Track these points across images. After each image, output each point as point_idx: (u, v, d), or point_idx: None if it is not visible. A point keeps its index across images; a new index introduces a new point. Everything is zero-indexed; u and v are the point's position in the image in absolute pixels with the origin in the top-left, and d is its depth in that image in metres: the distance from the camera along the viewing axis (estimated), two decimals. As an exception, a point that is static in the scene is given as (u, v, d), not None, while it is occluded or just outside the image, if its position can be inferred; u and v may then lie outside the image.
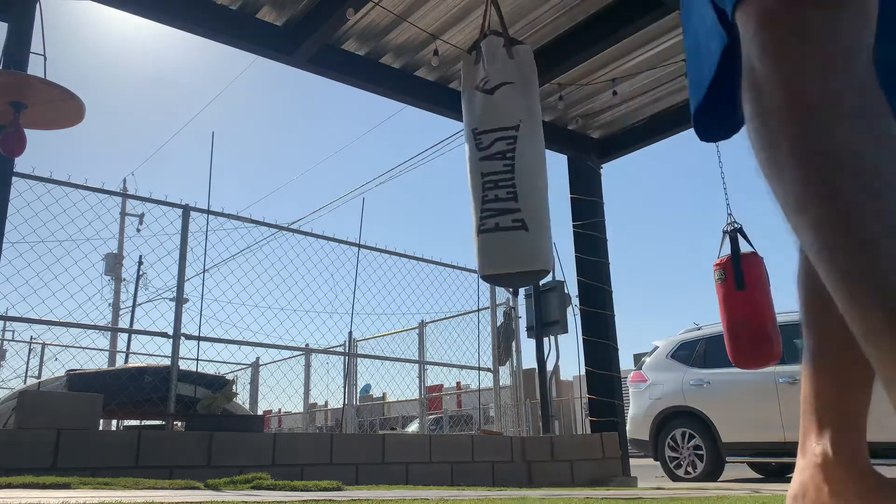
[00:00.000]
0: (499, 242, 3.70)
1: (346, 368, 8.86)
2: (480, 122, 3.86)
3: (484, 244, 3.72)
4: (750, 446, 6.93)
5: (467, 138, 3.92)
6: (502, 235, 3.69)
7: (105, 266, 20.79)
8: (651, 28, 5.21)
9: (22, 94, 3.60)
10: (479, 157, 3.81)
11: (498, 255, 3.72)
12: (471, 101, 3.93)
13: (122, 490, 2.62)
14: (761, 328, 4.29)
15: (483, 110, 3.88)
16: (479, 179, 3.77)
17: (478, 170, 3.79)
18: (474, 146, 3.83)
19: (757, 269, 4.38)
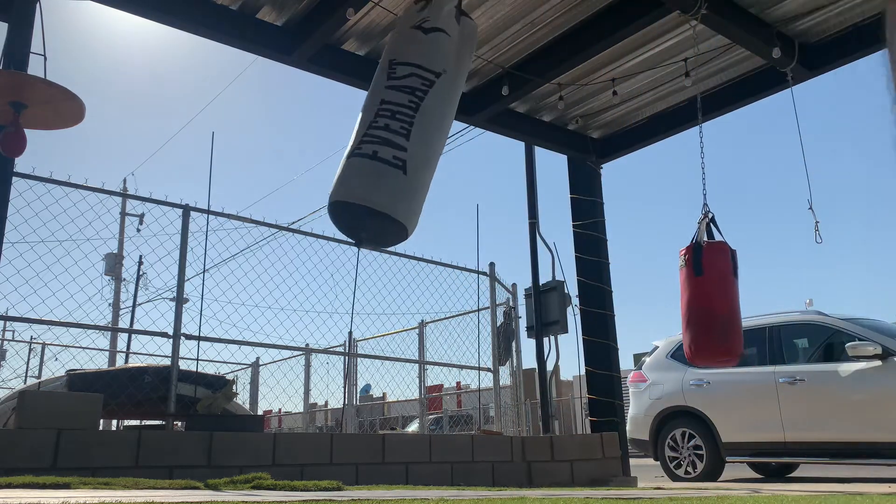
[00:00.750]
0: (368, 171, 3.26)
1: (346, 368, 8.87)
2: (402, 54, 3.62)
3: (350, 168, 3.30)
4: (750, 446, 6.93)
5: (380, 68, 3.68)
6: (376, 166, 3.26)
7: (105, 266, 20.82)
8: (651, 28, 5.21)
9: (22, 94, 3.60)
10: (385, 85, 3.52)
11: (361, 183, 3.26)
12: (399, 36, 3.75)
13: (122, 490, 2.63)
14: (717, 319, 4.05)
15: (410, 45, 3.64)
16: (376, 105, 3.45)
17: (378, 96, 3.49)
18: (385, 75, 3.56)
19: (720, 257, 4.22)
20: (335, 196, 3.34)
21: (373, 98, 3.56)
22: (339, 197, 3.31)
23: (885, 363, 6.17)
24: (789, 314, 7.27)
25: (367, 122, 3.42)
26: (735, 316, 4.13)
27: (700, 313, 4.14)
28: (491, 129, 6.49)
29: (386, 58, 3.73)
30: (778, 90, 5.75)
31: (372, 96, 3.58)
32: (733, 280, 4.17)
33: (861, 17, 5.19)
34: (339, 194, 3.31)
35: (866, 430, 6.14)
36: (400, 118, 3.40)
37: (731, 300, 4.13)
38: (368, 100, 3.62)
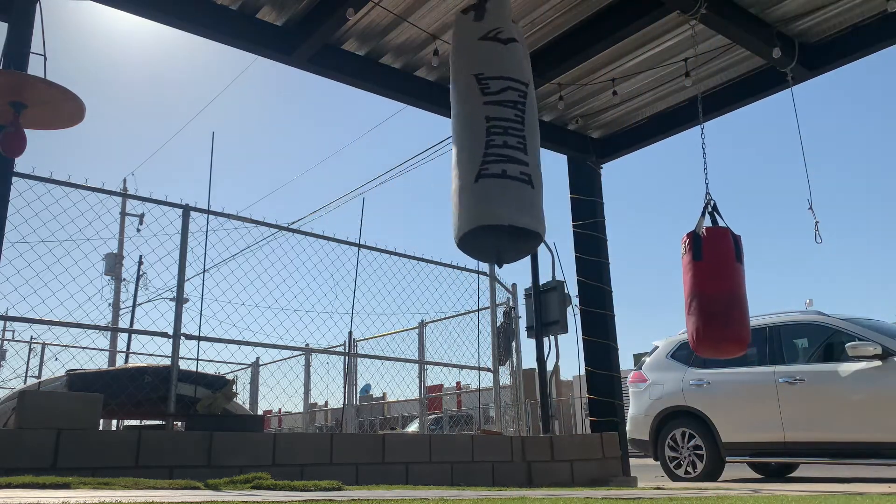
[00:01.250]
0: (505, 190, 3.24)
1: (346, 368, 8.87)
2: (489, 67, 3.54)
3: (485, 190, 3.24)
4: (750, 446, 6.93)
5: (465, 84, 3.55)
6: (509, 184, 3.26)
7: (105, 266, 20.82)
8: (651, 28, 5.21)
9: (22, 93, 3.60)
10: (483, 101, 3.45)
11: (501, 203, 3.24)
12: (474, 49, 3.63)
13: (122, 490, 2.63)
14: (717, 303, 3.87)
15: (494, 57, 3.57)
16: (483, 123, 3.38)
17: (481, 113, 3.41)
18: (478, 89, 3.46)
19: (721, 241, 4.01)
20: (478, 221, 3.25)
21: (473, 116, 3.45)
22: (483, 221, 3.24)
23: (885, 363, 6.17)
24: (789, 314, 7.27)
25: (481, 142, 3.33)
26: (737, 301, 3.94)
27: (700, 299, 3.98)
28: (491, 129, 6.47)
29: (467, 72, 3.60)
30: (778, 90, 5.75)
31: (470, 114, 3.47)
32: (736, 265, 4.00)
33: (861, 17, 5.19)
34: (483, 218, 3.23)
35: (866, 430, 6.14)
36: (513, 133, 3.38)
37: (733, 284, 3.95)
38: (465, 118, 3.50)
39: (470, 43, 3.70)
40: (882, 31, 5.14)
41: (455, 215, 3.36)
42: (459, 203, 3.31)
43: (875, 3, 5.02)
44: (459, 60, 3.73)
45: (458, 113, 3.56)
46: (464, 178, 3.31)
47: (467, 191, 3.28)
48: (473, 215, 3.26)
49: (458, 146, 3.49)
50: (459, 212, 3.30)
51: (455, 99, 3.65)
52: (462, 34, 3.81)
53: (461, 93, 3.60)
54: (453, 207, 3.40)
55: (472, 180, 3.29)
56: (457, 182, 3.39)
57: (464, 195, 3.29)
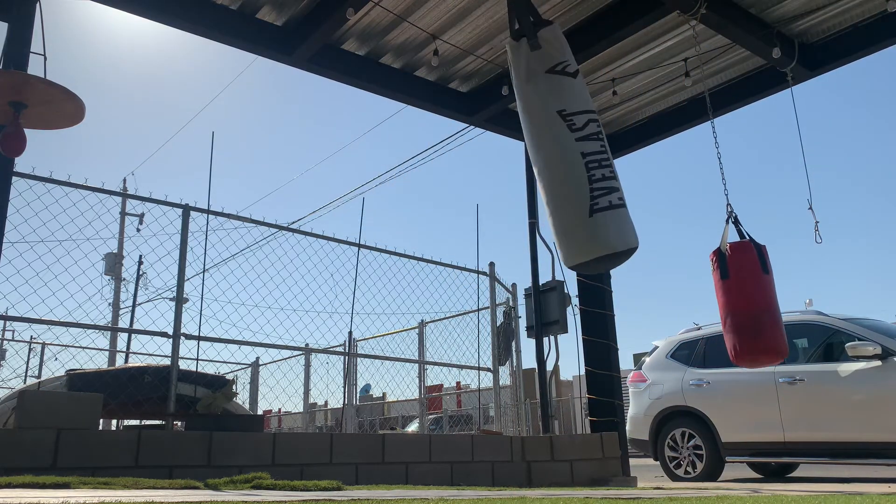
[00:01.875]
0: (617, 220, 3.64)
1: (345, 368, 8.87)
2: (569, 103, 3.79)
3: (604, 222, 3.62)
4: (749, 446, 6.93)
5: (549, 121, 3.79)
6: (617, 213, 3.65)
7: (105, 266, 20.83)
8: (651, 28, 5.22)
9: (22, 93, 3.60)
10: (574, 138, 3.74)
11: (617, 232, 3.64)
12: (546, 83, 3.84)
13: (122, 490, 2.63)
14: (747, 318, 4.00)
15: (570, 92, 3.83)
16: (580, 159, 3.69)
17: (576, 150, 3.71)
18: (565, 127, 3.74)
19: (746, 256, 4.16)
20: (601, 250, 3.61)
21: (570, 154, 3.72)
22: (606, 251, 3.61)
23: (885, 363, 6.18)
24: (789, 314, 7.27)
25: (584, 178, 3.66)
26: (767, 313, 4.05)
27: (733, 317, 4.11)
28: (491, 129, 6.49)
29: (550, 109, 3.81)
30: (778, 90, 5.75)
31: (568, 153, 3.73)
32: (763, 277, 4.10)
33: (861, 17, 5.20)
34: (603, 248, 3.61)
35: (866, 429, 6.14)
36: (605, 165, 3.72)
37: (761, 298, 4.07)
38: (565, 156, 3.74)
39: (539, 76, 3.87)
40: (882, 30, 5.14)
41: (571, 245, 3.72)
42: (575, 235, 3.67)
43: (875, 3, 5.02)
44: (533, 94, 3.89)
45: (550, 151, 3.79)
46: (574, 212, 3.66)
47: (583, 225, 3.64)
48: (596, 246, 3.63)
49: (557, 181, 3.76)
50: (577, 242, 3.67)
51: (540, 135, 3.85)
52: (524, 64, 3.93)
53: (547, 130, 3.82)
54: (564, 238, 3.75)
55: (587, 215, 3.64)
56: (564, 216, 3.72)
57: (580, 229, 3.65)
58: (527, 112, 3.92)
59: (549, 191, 3.80)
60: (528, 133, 3.93)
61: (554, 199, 3.77)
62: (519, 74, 3.92)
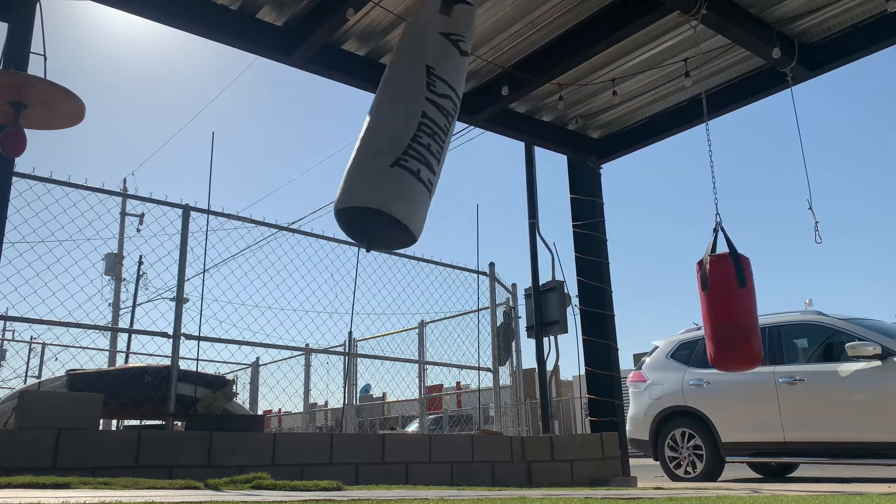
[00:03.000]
0: (412, 189, 3.38)
1: (345, 368, 8.87)
2: (441, 68, 3.65)
3: (396, 179, 3.35)
4: (749, 446, 6.93)
5: (413, 68, 3.62)
6: (417, 186, 3.40)
7: (105, 266, 20.83)
8: (651, 28, 5.21)
9: (22, 93, 3.60)
10: (426, 96, 3.55)
11: (403, 198, 3.36)
12: (434, 41, 3.72)
13: (122, 490, 2.63)
14: (721, 330, 4.18)
15: (450, 61, 3.71)
16: (418, 116, 3.48)
17: (420, 106, 3.51)
18: (425, 82, 3.56)
19: (723, 270, 4.29)
20: (379, 205, 3.30)
21: (411, 103, 3.51)
22: (383, 207, 3.31)
23: (885, 363, 6.17)
24: (789, 314, 7.27)
25: (409, 132, 3.42)
26: (741, 327, 4.17)
27: (710, 327, 4.25)
28: (491, 130, 6.49)
29: (421, 59, 3.65)
30: (778, 90, 5.75)
31: (409, 100, 3.51)
32: (737, 292, 4.22)
33: (861, 17, 5.20)
34: (385, 205, 3.31)
35: (866, 430, 6.14)
36: (438, 140, 3.51)
37: (737, 312, 4.18)
38: (402, 101, 3.53)
39: (431, 32, 3.76)
40: (882, 30, 5.14)
41: (352, 183, 3.41)
42: (363, 177, 3.38)
43: (875, 3, 5.02)
44: (414, 42, 3.76)
45: (395, 92, 3.59)
46: (378, 156, 3.38)
47: (378, 172, 3.36)
48: (376, 197, 3.33)
49: (382, 122, 3.52)
50: (360, 185, 3.36)
51: (396, 76, 3.66)
52: (426, 14, 3.85)
53: (406, 75, 3.64)
54: (352, 174, 3.44)
55: (388, 163, 3.37)
56: (368, 155, 3.44)
57: (370, 172, 3.36)
58: (401, 49, 3.81)
59: (371, 124, 3.59)
60: (389, 68, 3.78)
61: (369, 133, 3.55)
62: (417, 19, 3.83)
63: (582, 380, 7.01)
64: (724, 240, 4.37)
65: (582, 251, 6.75)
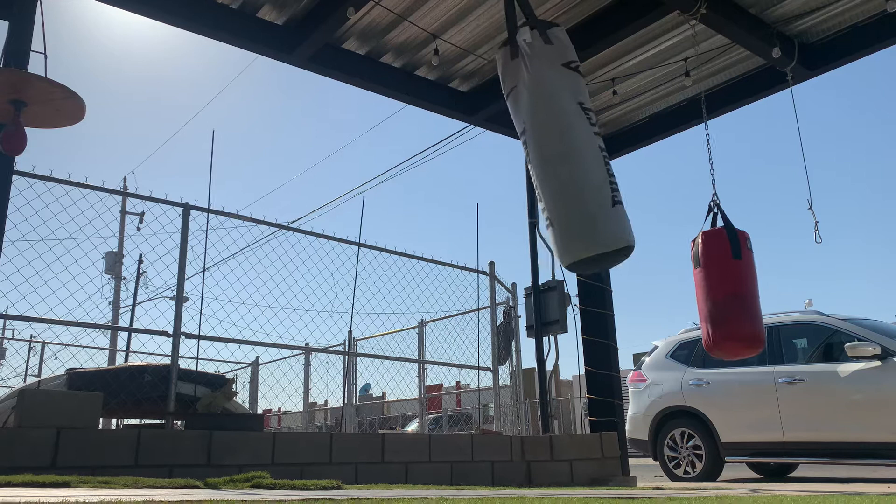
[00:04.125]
0: (626, 215, 3.68)
1: (345, 367, 8.87)
2: (585, 98, 3.82)
3: (622, 215, 3.63)
4: (749, 446, 6.93)
5: (572, 111, 3.77)
6: (622, 208, 3.68)
7: (105, 264, 20.84)
8: (651, 28, 5.21)
9: (22, 92, 3.60)
10: (593, 131, 3.74)
11: (629, 226, 3.65)
12: (565, 76, 3.83)
13: (122, 489, 2.63)
14: (714, 305, 3.96)
15: (584, 89, 3.87)
16: (599, 152, 3.70)
17: (595, 142, 3.72)
18: (586, 119, 3.76)
19: (717, 243, 4.08)
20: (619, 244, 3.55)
21: (590, 143, 3.70)
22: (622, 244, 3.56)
23: (885, 363, 6.18)
24: (789, 314, 7.27)
25: (602, 170, 3.66)
26: (734, 298, 3.97)
27: (702, 304, 4.08)
28: (491, 129, 6.49)
29: (571, 97, 3.78)
30: (778, 90, 5.75)
31: (587, 143, 3.70)
32: (734, 263, 4.05)
33: (860, 17, 5.20)
34: (621, 242, 3.56)
35: (865, 430, 6.14)
36: (608, 159, 3.76)
37: (728, 283, 4.01)
38: (585, 146, 3.70)
39: (557, 67, 3.84)
40: (881, 30, 5.14)
41: (586, 236, 3.62)
42: (593, 225, 3.58)
43: (874, 3, 5.02)
44: (555, 82, 3.82)
45: (574, 140, 3.72)
46: (596, 202, 3.61)
47: (604, 216, 3.59)
48: (615, 238, 3.58)
49: (580, 170, 3.68)
50: (594, 233, 3.58)
51: (562, 123, 3.76)
52: (541, 55, 3.88)
53: (572, 119, 3.76)
54: (581, 228, 3.63)
55: (610, 205, 3.61)
56: (583, 206, 3.62)
57: (599, 220, 3.58)
58: (546, 98, 3.84)
59: (569, 179, 3.69)
60: (545, 120, 3.81)
61: (573, 188, 3.67)
62: (534, 62, 3.85)
63: (581, 379, 7.01)
64: (722, 218, 4.29)
65: (582, 251, 6.74)
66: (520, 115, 3.87)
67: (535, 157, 3.79)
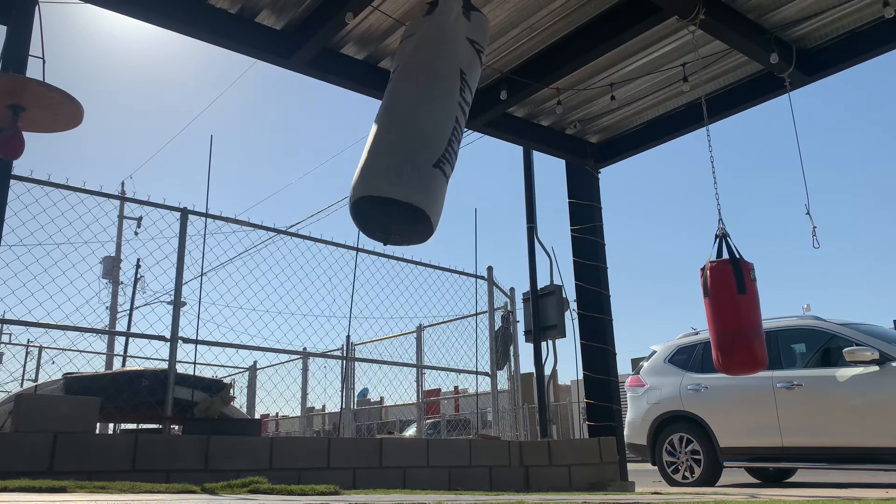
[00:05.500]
0: (441, 188, 3.57)
1: (343, 372, 8.86)
2: (471, 73, 3.79)
3: (434, 178, 3.51)
4: (747, 451, 6.93)
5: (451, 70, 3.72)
6: (445, 186, 3.60)
7: (103, 269, 20.81)
8: (649, 33, 5.22)
9: (20, 96, 3.60)
10: (458, 100, 3.69)
11: (435, 198, 3.54)
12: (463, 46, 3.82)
13: (119, 494, 2.62)
14: (722, 336, 4.27)
15: (474, 67, 3.84)
16: (452, 120, 3.64)
17: (454, 110, 3.66)
18: (458, 87, 3.70)
19: (723, 277, 4.36)
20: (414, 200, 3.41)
21: (446, 106, 3.62)
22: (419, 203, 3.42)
23: (883, 368, 6.18)
24: (787, 319, 7.28)
25: (444, 135, 3.56)
26: (738, 334, 4.22)
27: (713, 333, 4.32)
28: (489, 134, 6.49)
29: (455, 62, 3.73)
30: (776, 95, 5.76)
31: (449, 101, 3.63)
32: (736, 298, 4.27)
33: (858, 22, 5.21)
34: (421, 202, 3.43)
35: (864, 435, 6.14)
36: (458, 139, 3.70)
37: (738, 317, 4.24)
38: (444, 102, 3.62)
39: (459, 36, 3.82)
40: (879, 36, 5.15)
41: (387, 173, 3.45)
42: (399, 168, 3.43)
43: (872, 8, 5.03)
44: (445, 43, 3.79)
45: (436, 92, 3.65)
46: (420, 153, 3.47)
47: (420, 170, 3.45)
48: (419, 195, 3.42)
49: (424, 120, 3.57)
50: (399, 178, 3.42)
51: (436, 74, 3.70)
52: (451, 18, 3.87)
53: (447, 76, 3.70)
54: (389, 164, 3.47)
55: (430, 163, 3.49)
56: (407, 149, 3.49)
57: (410, 168, 3.43)
58: (433, 45, 3.79)
59: (408, 117, 3.61)
60: (423, 60, 3.76)
61: (406, 127, 3.58)
62: (446, 19, 3.84)
63: (580, 384, 7.01)
64: (727, 247, 4.41)
65: (580, 255, 6.76)
66: (403, 54, 3.83)
67: (395, 89, 3.71)
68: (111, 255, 20.83)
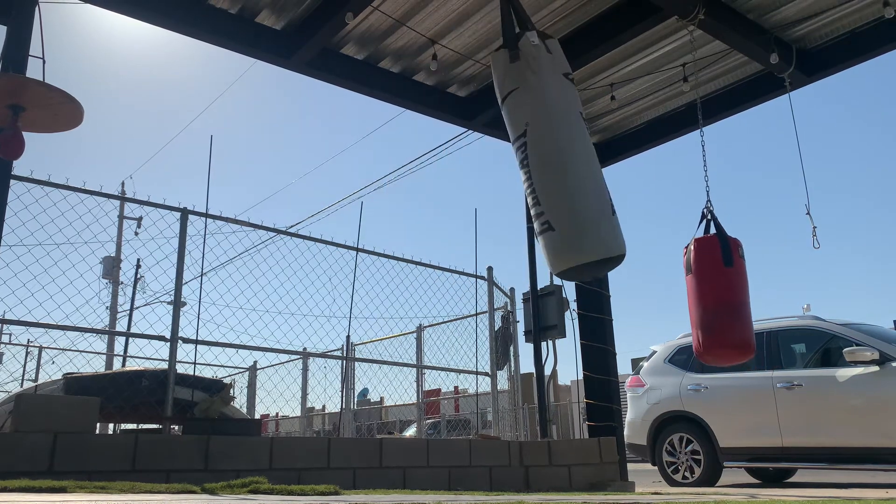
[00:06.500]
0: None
1: (343, 372, 8.86)
2: (581, 109, 3.92)
3: (616, 224, 3.76)
4: (747, 451, 6.93)
5: (575, 119, 3.89)
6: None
7: (103, 269, 20.82)
8: (649, 33, 5.23)
9: (20, 96, 3.60)
10: (591, 142, 3.88)
11: (621, 236, 3.76)
12: (567, 86, 3.91)
13: (119, 494, 2.62)
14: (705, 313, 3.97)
15: (579, 100, 3.96)
16: (597, 162, 3.84)
17: (593, 152, 3.85)
18: (585, 128, 3.87)
19: (709, 251, 4.06)
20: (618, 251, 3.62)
21: (590, 152, 3.77)
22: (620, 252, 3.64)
23: (883, 368, 6.18)
24: (787, 319, 7.27)
25: (601, 178, 3.74)
26: (727, 307, 3.94)
27: (695, 310, 4.07)
28: (489, 134, 6.49)
29: (575, 106, 3.84)
30: (776, 95, 5.76)
31: (587, 149, 3.75)
32: (725, 269, 4.02)
33: (858, 22, 5.21)
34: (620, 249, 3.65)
35: (864, 435, 6.14)
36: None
37: (720, 291, 3.98)
38: (585, 151, 3.73)
39: (559, 76, 3.88)
40: (879, 36, 5.16)
41: (589, 239, 3.63)
42: (598, 230, 3.61)
43: (872, 9, 5.03)
44: (558, 89, 3.84)
45: (578, 147, 3.73)
46: (598, 209, 3.64)
47: (606, 222, 3.63)
48: (614, 246, 3.63)
49: (582, 177, 3.69)
50: (598, 238, 3.61)
51: (568, 130, 3.77)
52: (545, 63, 3.89)
53: (575, 127, 3.78)
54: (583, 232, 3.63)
55: (610, 213, 3.69)
56: (586, 212, 3.64)
57: (605, 224, 3.63)
58: (553, 103, 3.78)
59: (574, 186, 3.65)
60: (551, 125, 3.75)
61: (577, 195, 3.64)
62: (539, 69, 3.83)
63: (580, 384, 7.00)
64: (715, 226, 4.29)
65: (580, 256, 6.74)
66: (520, 117, 3.82)
67: (537, 160, 3.75)
68: (111, 255, 20.84)
